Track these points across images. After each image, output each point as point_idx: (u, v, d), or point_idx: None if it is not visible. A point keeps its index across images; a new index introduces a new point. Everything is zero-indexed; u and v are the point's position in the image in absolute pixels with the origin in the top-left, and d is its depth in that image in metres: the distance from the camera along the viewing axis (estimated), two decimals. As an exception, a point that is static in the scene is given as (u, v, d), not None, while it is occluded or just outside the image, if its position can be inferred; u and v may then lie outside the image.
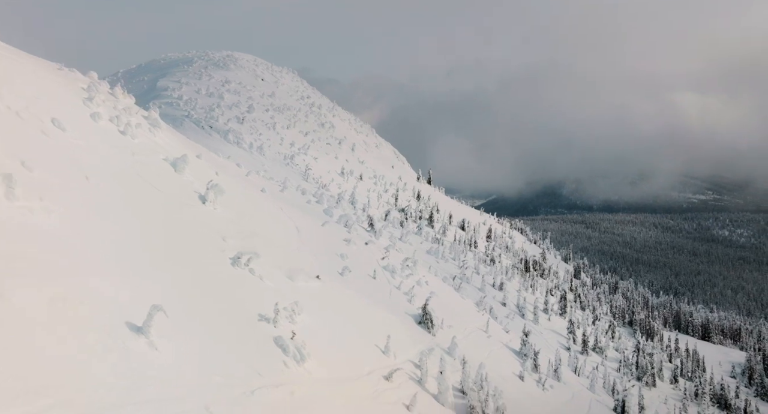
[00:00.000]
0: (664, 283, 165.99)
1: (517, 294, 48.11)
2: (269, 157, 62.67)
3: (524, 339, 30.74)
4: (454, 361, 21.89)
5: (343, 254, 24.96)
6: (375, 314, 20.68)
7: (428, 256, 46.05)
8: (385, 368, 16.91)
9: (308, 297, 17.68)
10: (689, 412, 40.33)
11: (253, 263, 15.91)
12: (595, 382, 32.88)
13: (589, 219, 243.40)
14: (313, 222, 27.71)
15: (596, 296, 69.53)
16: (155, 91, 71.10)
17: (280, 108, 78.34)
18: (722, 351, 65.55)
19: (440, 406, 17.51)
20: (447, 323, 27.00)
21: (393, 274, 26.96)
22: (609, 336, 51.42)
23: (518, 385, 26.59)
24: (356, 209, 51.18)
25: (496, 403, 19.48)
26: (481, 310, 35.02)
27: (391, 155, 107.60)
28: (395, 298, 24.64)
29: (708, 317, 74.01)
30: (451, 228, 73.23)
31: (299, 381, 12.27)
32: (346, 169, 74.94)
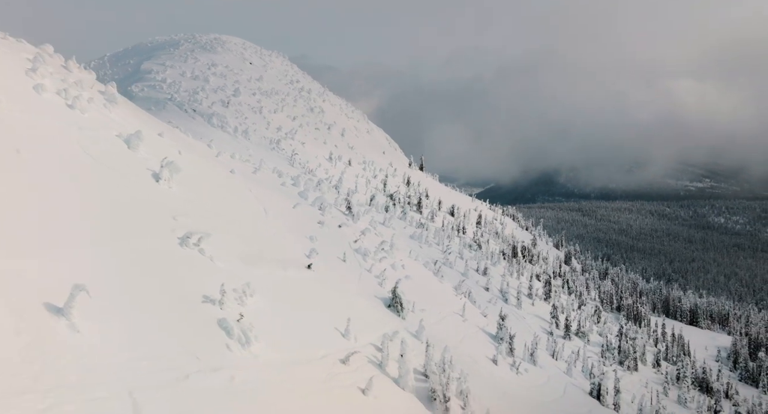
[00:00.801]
0: (657, 270, 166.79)
1: (502, 279, 47.87)
2: (254, 142, 61.96)
3: (500, 323, 30.50)
4: (420, 345, 21.58)
5: (313, 236, 24.52)
6: (338, 297, 20.30)
7: (411, 240, 45.68)
8: (343, 352, 16.51)
9: (265, 279, 17.29)
10: (670, 395, 40.38)
11: (204, 243, 15.42)
12: (573, 366, 32.76)
13: (586, 207, 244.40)
14: (284, 204, 27.24)
15: (585, 282, 69.45)
16: (139, 73, 70.05)
17: (267, 92, 77.36)
18: (709, 336, 65.76)
19: (400, 390, 17.17)
20: (420, 307, 26.68)
21: (365, 257, 26.56)
22: (594, 321, 51.37)
23: (491, 369, 26.38)
24: (339, 193, 50.68)
25: (460, 387, 19.22)
26: (459, 295, 34.74)
27: (383, 141, 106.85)
28: (365, 282, 24.27)
29: (696, 302, 74.15)
30: (440, 214, 72.86)
31: (242, 365, 11.82)
32: (335, 155, 74.29)
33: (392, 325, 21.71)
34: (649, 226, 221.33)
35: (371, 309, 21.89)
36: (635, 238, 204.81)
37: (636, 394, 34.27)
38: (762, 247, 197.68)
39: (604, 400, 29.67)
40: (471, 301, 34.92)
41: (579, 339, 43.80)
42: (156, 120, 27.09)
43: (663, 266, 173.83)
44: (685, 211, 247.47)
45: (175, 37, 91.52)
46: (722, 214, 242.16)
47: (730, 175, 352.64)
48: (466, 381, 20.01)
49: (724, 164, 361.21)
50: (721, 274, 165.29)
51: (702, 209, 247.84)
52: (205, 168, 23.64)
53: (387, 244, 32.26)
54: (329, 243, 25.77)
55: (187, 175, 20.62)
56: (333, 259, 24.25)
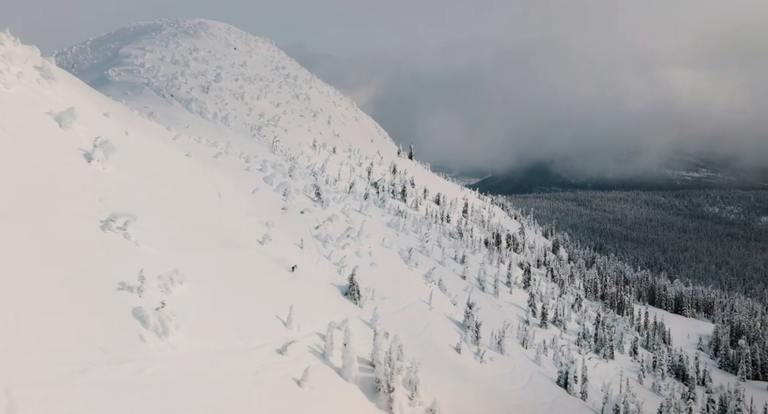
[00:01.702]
0: (649, 259, 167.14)
1: (480, 267, 47.45)
2: (234, 128, 61.05)
3: (468, 311, 30.06)
4: (374, 333, 21.06)
5: (269, 222, 23.90)
6: (286, 284, 19.73)
7: (388, 228, 45.10)
8: (281, 341, 15.89)
9: (205, 264, 16.70)
10: (645, 383, 40.19)
11: (131, 227, 14.75)
12: (543, 354, 32.43)
13: (581, 197, 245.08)
14: (243, 188, 26.60)
15: (570, 271, 69.20)
16: (117, 58, 68.83)
17: (251, 78, 76.24)
18: (693, 324, 65.73)
19: (342, 381, 16.59)
20: (382, 295, 26.18)
21: (325, 244, 25.99)
22: (575, 309, 51.10)
23: (453, 358, 25.96)
24: (317, 180, 49.98)
25: (409, 376, 18.70)
26: (429, 283, 34.27)
27: (371, 129, 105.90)
28: (322, 269, 23.71)
29: (682, 291, 74.04)
30: (424, 202, 72.25)
31: (156, 357, 11.06)
32: (319, 142, 73.40)
33: (346, 313, 21.18)
34: (643, 216, 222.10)
35: (324, 297, 21.34)
36: (629, 228, 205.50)
37: (608, 382, 33.97)
38: (755, 236, 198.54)
39: (571, 388, 29.35)
40: (441, 289, 34.46)
41: (556, 327, 43.50)
42: (107, 100, 26.28)
43: (655, 255, 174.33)
44: (680, 200, 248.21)
45: (159, 21, 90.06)
46: (717, 203, 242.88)
47: (725, 164, 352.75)
48: (417, 370, 19.49)
49: (719, 153, 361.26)
50: (713, 264, 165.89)
51: (697, 199, 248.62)
52: (155, 150, 22.94)
53: (354, 232, 31.69)
54: (287, 229, 25.18)
55: (129, 157, 19.94)
56: (289, 246, 23.66)
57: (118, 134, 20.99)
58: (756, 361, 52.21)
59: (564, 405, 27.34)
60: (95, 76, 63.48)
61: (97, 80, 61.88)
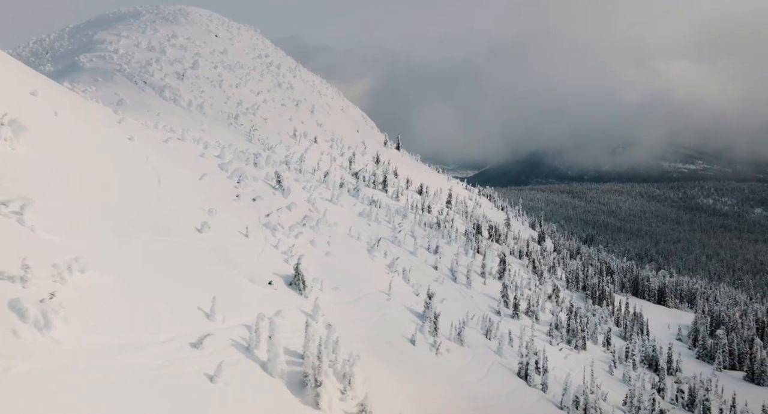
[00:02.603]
0: (640, 251, 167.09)
1: (454, 258, 46.74)
2: (210, 116, 59.93)
3: (427, 301, 29.33)
4: (315, 325, 20.29)
5: (213, 209, 23.04)
6: (218, 274, 18.88)
7: (359, 218, 44.29)
8: (198, 334, 14.95)
9: (121, 252, 15.86)
10: (615, 373, 39.68)
11: (29, 211, 13.85)
12: (508, 345, 31.79)
13: (577, 189, 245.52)
14: (190, 174, 25.71)
15: (552, 261, 68.61)
16: (91, 44, 67.39)
17: (231, 66, 74.92)
18: (675, 314, 65.36)
19: (266, 376, 15.67)
20: (333, 285, 25.42)
21: (274, 232, 25.15)
22: (552, 300, 50.47)
23: (406, 349, 25.24)
24: (290, 169, 49.05)
25: (344, 369, 17.92)
26: (392, 273, 33.51)
27: (358, 119, 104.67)
28: (266, 258, 22.88)
29: (665, 282, 73.60)
30: (407, 192, 71.38)
31: (33, 353, 10.09)
32: (300, 131, 72.33)
33: (285, 304, 20.35)
34: (638, 208, 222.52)
35: (262, 287, 20.52)
36: (623, 220, 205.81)
37: (573, 373, 33.40)
38: (749, 227, 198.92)
39: (532, 379, 28.73)
40: (404, 280, 33.72)
41: (528, 318, 42.88)
42: (43, 79, 25.25)
43: (647, 247, 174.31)
44: (674, 192, 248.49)
45: (139, 8, 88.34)
46: (711, 195, 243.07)
47: (719, 156, 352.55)
48: (355, 363, 18.71)
49: (713, 145, 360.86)
50: (704, 255, 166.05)
51: (691, 191, 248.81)
52: (89, 132, 22.02)
53: (313, 220, 30.87)
54: (234, 216, 24.33)
55: (52, 138, 19.05)
56: (231, 234, 22.83)
57: (45, 114, 20.07)
58: (733, 351, 51.81)
59: (521, 396, 26.72)
60: (67, 63, 62.24)
61: (68, 66, 60.64)
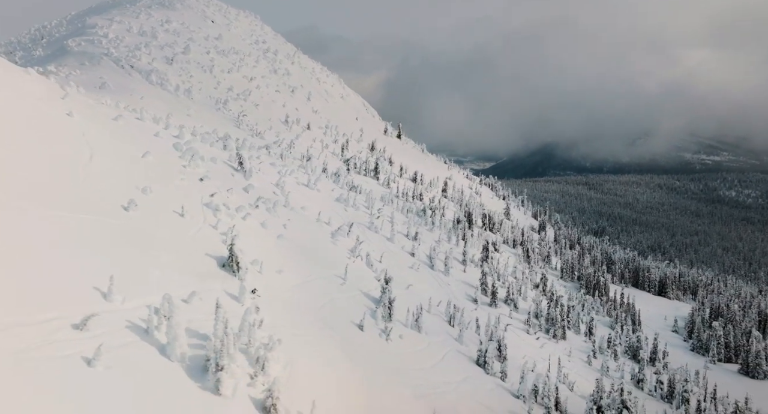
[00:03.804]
0: (652, 243, 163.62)
1: (435, 245, 45.77)
2: (198, 101, 59.57)
3: (384, 286, 28.47)
4: (240, 307, 19.61)
5: (148, 188, 22.46)
6: (129, 253, 18.16)
7: (336, 203, 43.52)
8: (84, 314, 14.11)
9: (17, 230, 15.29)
10: (593, 364, 38.46)
11: None
12: (472, 333, 30.79)
13: (593, 180, 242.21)
14: (131, 152, 25.15)
15: (547, 251, 67.10)
16: (84, 28, 67.48)
17: (224, 51, 74.44)
18: (674, 306, 63.50)
19: (164, 359, 14.75)
20: (278, 268, 24.70)
21: (216, 213, 24.49)
22: (540, 289, 49.16)
23: (351, 335, 24.44)
24: (270, 153, 48.46)
25: (258, 353, 17.17)
26: (354, 257, 32.69)
27: (358, 107, 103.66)
28: (201, 238, 22.21)
29: (666, 273, 71.48)
30: (400, 180, 70.45)
31: None
32: (292, 118, 71.74)
33: (207, 286, 19.56)
34: (656, 200, 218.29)
35: (187, 267, 19.80)
36: (640, 212, 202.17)
37: (547, 362, 32.33)
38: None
39: (490, 367, 27.76)
40: (367, 264, 32.91)
41: (507, 306, 41.78)
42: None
43: (661, 239, 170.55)
44: (695, 184, 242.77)
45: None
46: (734, 187, 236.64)
47: (743, 146, 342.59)
48: (272, 348, 17.99)
49: (736, 135, 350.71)
50: (720, 247, 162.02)
51: (713, 182, 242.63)
52: (20, 107, 21.57)
53: (270, 202, 30.17)
54: (172, 195, 23.71)
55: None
56: (164, 213, 22.20)
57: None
58: (729, 344, 49.97)
59: (474, 384, 25.80)
60: (57, 47, 62.47)
61: (57, 51, 60.82)
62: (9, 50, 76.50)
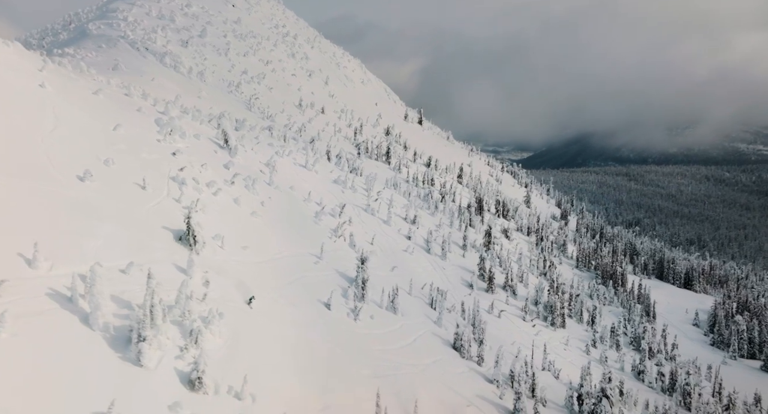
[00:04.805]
0: (692, 236, 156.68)
1: (435, 229, 44.77)
2: (210, 83, 60.08)
3: (359, 266, 27.86)
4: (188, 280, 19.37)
5: (110, 160, 22.52)
6: (71, 222, 18.03)
7: (333, 185, 43.06)
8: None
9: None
10: (592, 353, 36.80)
11: None
12: (446, 315, 29.79)
13: (635, 171, 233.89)
14: (102, 125, 25.27)
15: (564, 239, 64.82)
16: (106, 12, 69.09)
17: (242, 35, 74.80)
18: (699, 299, 60.29)
19: (85, 328, 14.37)
20: (243, 244, 24.43)
21: (182, 186, 24.36)
22: (548, 277, 47.41)
23: (316, 314, 23.92)
24: (272, 135, 48.27)
25: (192, 326, 16.87)
26: (337, 238, 32.15)
27: (379, 92, 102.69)
28: (160, 211, 22.05)
29: (693, 265, 67.84)
30: (412, 165, 69.51)
31: None
32: (307, 102, 71.58)
33: (154, 257, 19.29)
34: (702, 192, 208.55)
35: (132, 238, 19.48)
36: (682, 204, 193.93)
37: (535, 348, 31.06)
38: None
39: (467, 351, 26.80)
40: (350, 245, 32.31)
41: (504, 292, 40.42)
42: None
43: (702, 232, 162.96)
44: (747, 176, 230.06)
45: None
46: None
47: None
48: (210, 322, 17.71)
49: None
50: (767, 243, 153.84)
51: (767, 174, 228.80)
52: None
53: (250, 180, 29.93)
54: (137, 168, 23.64)
55: None
56: (126, 184, 22.15)
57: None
58: (753, 339, 46.99)
59: (444, 367, 24.94)
60: (79, 31, 64.20)
61: (78, 34, 62.51)
62: (42, 36, 79.28)
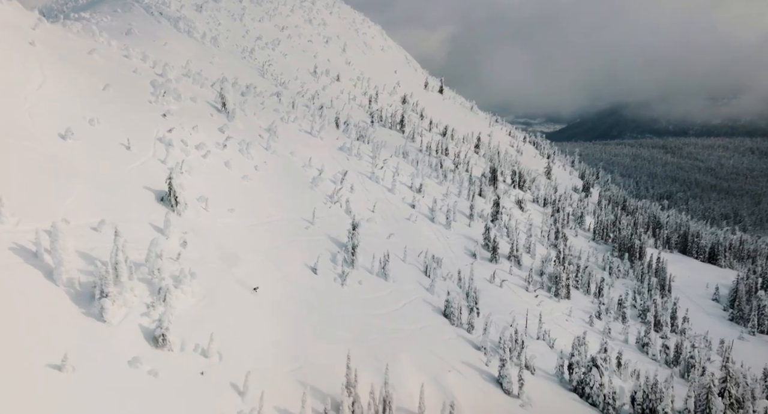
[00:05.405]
0: (727, 211, 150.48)
1: (442, 198, 44.08)
2: (223, 49, 59.78)
3: (351, 232, 27.59)
4: (165, 240, 19.52)
5: (95, 119, 22.64)
6: (41, 178, 18.19)
7: (338, 152, 42.61)
8: None
9: None
10: (595, 324, 35.99)
11: None
12: (440, 283, 29.35)
13: (672, 144, 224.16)
14: (91, 85, 25.31)
15: (582, 211, 63.05)
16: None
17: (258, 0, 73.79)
18: (721, 274, 58.06)
19: (48, 283, 14.59)
20: (230, 207, 24.42)
21: (168, 148, 24.35)
22: (558, 247, 46.25)
23: (300, 277, 23.87)
24: (281, 101, 47.83)
25: (159, 284, 16.99)
26: (333, 204, 31.87)
27: (400, 60, 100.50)
28: (142, 171, 22.19)
29: (719, 239, 65.15)
30: (428, 134, 68.27)
31: None
32: (321, 69, 70.65)
33: (128, 216, 19.41)
34: (744, 165, 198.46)
35: (109, 197, 19.52)
36: (722, 178, 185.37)
37: (533, 318, 30.52)
38: None
39: (456, 318, 26.48)
40: (346, 211, 32.01)
41: (508, 262, 39.67)
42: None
43: (739, 207, 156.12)
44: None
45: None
46: None
47: None
48: (181, 281, 17.82)
49: None
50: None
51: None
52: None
53: (244, 144, 29.76)
54: (121, 128, 23.67)
55: None
56: (109, 144, 22.26)
57: None
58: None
59: (430, 333, 24.71)
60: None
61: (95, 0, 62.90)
62: (65, 1, 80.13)
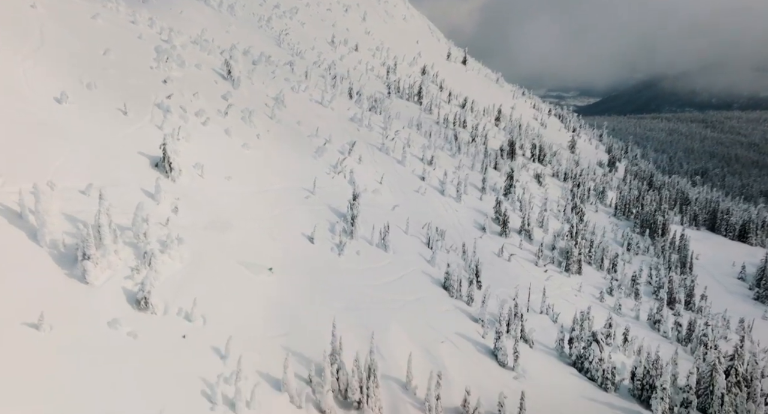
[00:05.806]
0: (765, 189, 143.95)
1: (455, 170, 43.28)
2: (240, 18, 59.19)
3: (351, 202, 27.29)
4: (155, 206, 19.60)
5: (92, 83, 22.88)
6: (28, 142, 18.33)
7: (349, 122, 42.08)
8: None
9: None
10: (606, 300, 35.12)
11: None
12: (442, 255, 28.89)
13: (713, 118, 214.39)
14: (91, 49, 25.40)
15: (603, 187, 61.20)
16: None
17: (275, -30, 72.49)
18: (750, 252, 55.83)
19: (32, 244, 14.91)
20: (226, 175, 24.37)
21: (166, 114, 24.29)
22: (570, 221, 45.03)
23: (296, 246, 23.76)
24: (294, 71, 47.26)
25: (146, 248, 17.09)
26: (336, 174, 31.53)
27: (423, 30, 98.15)
28: (138, 137, 22.25)
29: (751, 216, 62.34)
30: (447, 106, 66.82)
31: None
32: (339, 39, 69.50)
33: (122, 180, 19.53)
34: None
35: (101, 161, 19.62)
36: (766, 154, 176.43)
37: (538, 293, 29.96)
38: None
39: (455, 290, 26.14)
40: (349, 182, 31.62)
41: (519, 236, 38.86)
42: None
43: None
44: None
45: None
46: None
47: None
48: (167, 246, 17.91)
49: None
50: None
51: None
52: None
53: (247, 112, 29.54)
54: (120, 92, 23.72)
55: None
56: (105, 109, 22.34)
57: None
58: (802, 297, 43.23)
59: (428, 304, 24.49)
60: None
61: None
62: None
